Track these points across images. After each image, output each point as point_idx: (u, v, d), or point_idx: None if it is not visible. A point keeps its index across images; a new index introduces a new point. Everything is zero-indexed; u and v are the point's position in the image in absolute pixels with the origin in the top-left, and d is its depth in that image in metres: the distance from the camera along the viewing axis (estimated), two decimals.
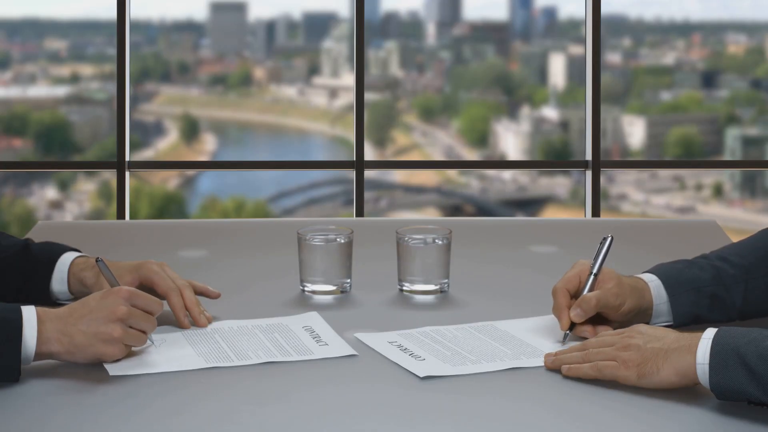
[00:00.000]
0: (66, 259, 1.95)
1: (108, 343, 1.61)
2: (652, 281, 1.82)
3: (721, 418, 1.46)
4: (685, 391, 1.52)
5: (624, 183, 5.83)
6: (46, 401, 1.53)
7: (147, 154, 5.72)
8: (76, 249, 2.00)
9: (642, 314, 1.81)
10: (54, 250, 1.98)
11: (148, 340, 1.70)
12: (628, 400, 1.52)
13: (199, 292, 1.93)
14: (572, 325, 1.78)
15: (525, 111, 5.75)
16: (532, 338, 1.78)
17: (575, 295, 1.80)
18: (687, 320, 1.81)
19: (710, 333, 1.51)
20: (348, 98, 5.53)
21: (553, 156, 5.78)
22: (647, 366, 1.53)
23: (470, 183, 5.89)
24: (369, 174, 5.21)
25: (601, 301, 1.76)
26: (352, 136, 5.10)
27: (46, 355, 1.61)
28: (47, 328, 1.60)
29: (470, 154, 5.84)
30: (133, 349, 1.68)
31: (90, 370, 1.62)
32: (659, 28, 5.80)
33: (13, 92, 5.77)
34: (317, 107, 5.90)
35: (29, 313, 1.60)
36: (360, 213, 5.07)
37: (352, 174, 5.09)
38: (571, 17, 5.72)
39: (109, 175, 5.48)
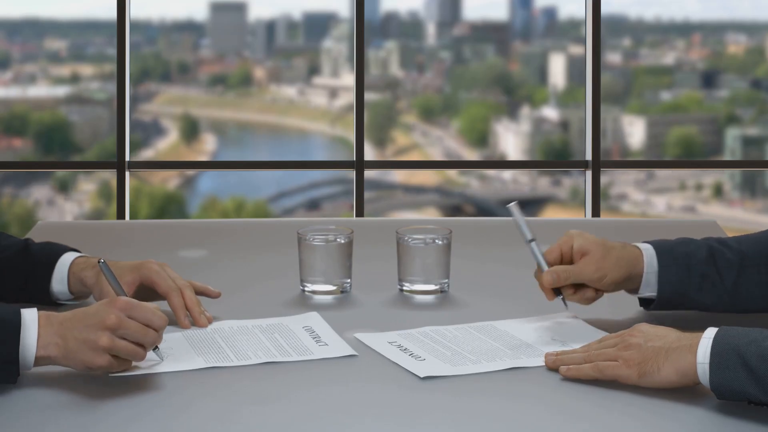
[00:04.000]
0: (66, 259, 1.95)
1: (95, 352, 1.56)
2: (647, 250, 1.85)
3: (721, 418, 1.46)
4: (685, 391, 1.52)
5: (624, 183, 5.83)
6: (46, 402, 1.52)
7: (147, 154, 5.72)
8: (76, 249, 2.00)
9: (629, 281, 1.84)
10: (54, 250, 1.97)
11: (156, 356, 1.65)
12: (628, 400, 1.52)
13: (199, 292, 1.93)
14: (559, 294, 1.83)
15: (525, 111, 5.75)
16: (532, 338, 1.78)
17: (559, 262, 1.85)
18: (672, 295, 1.83)
19: (711, 332, 1.51)
20: (348, 98, 5.52)
21: (553, 156, 5.78)
22: (648, 365, 1.53)
23: (470, 183, 5.89)
24: (369, 174, 5.21)
25: (573, 274, 1.81)
26: (352, 136, 5.10)
27: (45, 359, 1.59)
28: (48, 333, 1.58)
29: (470, 154, 5.84)
30: (139, 363, 1.63)
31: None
32: (659, 28, 5.80)
33: (13, 92, 5.77)
34: (317, 107, 5.90)
35: (31, 316, 1.59)
36: (360, 213, 5.07)
37: (352, 174, 5.09)
38: (571, 17, 5.72)
39: (109, 175, 5.48)
